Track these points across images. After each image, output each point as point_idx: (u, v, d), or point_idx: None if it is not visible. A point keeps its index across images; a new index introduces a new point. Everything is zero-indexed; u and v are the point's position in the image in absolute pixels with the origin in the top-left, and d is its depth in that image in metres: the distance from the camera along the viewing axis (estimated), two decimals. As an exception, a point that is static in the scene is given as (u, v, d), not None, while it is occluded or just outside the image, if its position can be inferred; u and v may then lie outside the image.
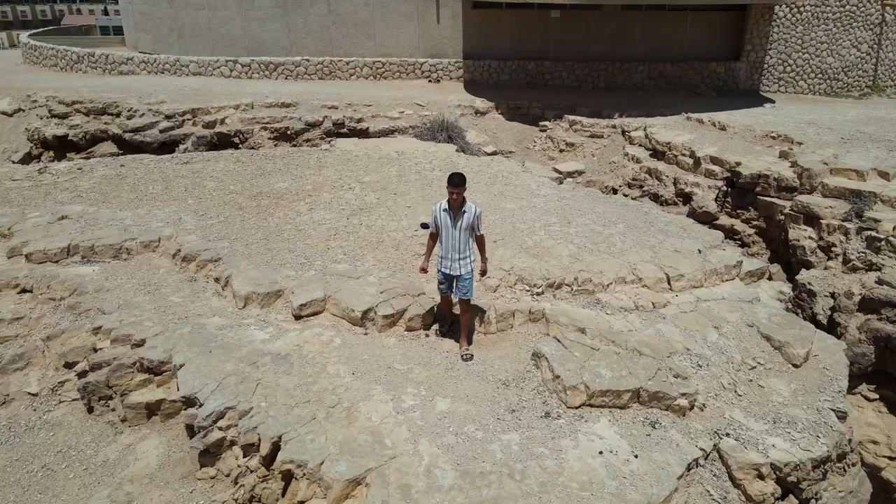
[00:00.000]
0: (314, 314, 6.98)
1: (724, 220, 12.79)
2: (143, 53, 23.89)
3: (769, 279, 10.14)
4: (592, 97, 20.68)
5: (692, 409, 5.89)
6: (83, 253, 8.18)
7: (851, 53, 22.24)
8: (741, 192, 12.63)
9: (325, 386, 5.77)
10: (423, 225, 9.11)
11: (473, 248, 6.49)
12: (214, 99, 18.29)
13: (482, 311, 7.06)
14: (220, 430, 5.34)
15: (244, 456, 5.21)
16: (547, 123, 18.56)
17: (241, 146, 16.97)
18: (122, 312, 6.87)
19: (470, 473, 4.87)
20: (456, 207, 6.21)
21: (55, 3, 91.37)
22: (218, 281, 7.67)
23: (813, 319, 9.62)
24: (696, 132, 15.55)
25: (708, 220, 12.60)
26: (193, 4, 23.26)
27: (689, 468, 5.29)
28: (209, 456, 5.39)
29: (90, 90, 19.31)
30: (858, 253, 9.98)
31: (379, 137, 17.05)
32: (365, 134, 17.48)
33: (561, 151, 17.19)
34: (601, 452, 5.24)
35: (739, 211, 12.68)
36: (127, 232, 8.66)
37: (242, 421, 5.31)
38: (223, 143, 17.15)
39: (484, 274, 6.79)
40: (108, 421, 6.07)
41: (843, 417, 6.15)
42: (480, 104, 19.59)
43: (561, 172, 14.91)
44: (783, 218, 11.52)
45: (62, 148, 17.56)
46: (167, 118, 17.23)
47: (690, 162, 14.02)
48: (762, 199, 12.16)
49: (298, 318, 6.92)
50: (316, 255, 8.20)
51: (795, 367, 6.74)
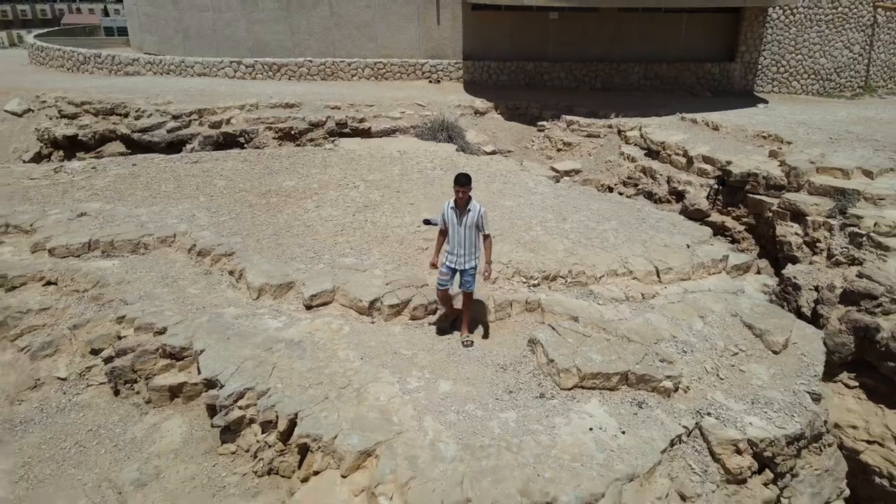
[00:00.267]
0: (324, 304, 7.44)
1: (715, 217, 13.23)
2: (148, 54, 24.33)
3: (757, 273, 10.61)
4: (590, 97, 21.08)
5: (676, 390, 6.34)
6: (103, 248, 8.63)
7: (844, 54, 22.67)
8: (732, 190, 13.06)
9: (335, 369, 6.22)
10: (425, 221, 9.57)
11: (480, 246, 6.84)
12: (220, 99, 18.71)
13: (482, 302, 7.52)
14: (240, 408, 5.80)
15: (263, 432, 5.66)
16: (545, 123, 18.94)
17: (246, 146, 17.39)
18: (143, 303, 7.33)
19: (471, 447, 5.33)
20: (462, 205, 6.63)
21: (55, 2, 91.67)
22: (232, 274, 8.12)
23: (798, 311, 10.06)
24: (689, 132, 15.98)
25: (700, 217, 13.03)
26: (198, 7, 23.70)
27: (672, 444, 5.75)
28: (230, 433, 5.84)
29: (98, 91, 19.74)
30: (841, 248, 10.42)
31: (381, 137, 17.46)
32: (367, 134, 17.89)
33: (558, 151, 17.62)
34: (591, 429, 5.70)
35: (730, 208, 13.12)
36: (143, 228, 9.11)
37: (261, 400, 5.77)
38: (229, 142, 17.57)
39: (487, 278, 6.96)
40: (133, 403, 6.53)
41: (817, 399, 6.60)
42: (480, 104, 19.99)
43: (558, 171, 15.34)
44: (771, 215, 11.96)
45: (72, 147, 18.02)
46: (174, 118, 17.67)
47: (684, 161, 14.45)
48: (752, 196, 12.59)
49: (309, 307, 7.37)
50: (324, 249, 8.65)
51: (775, 353, 7.20)
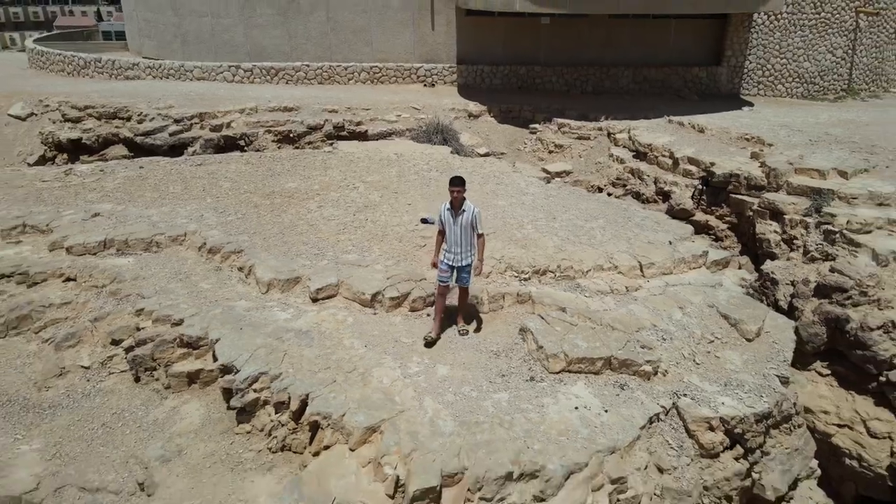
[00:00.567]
0: (329, 297, 7.96)
1: (699, 216, 13.82)
2: (147, 59, 24.74)
3: (739, 268, 11.20)
4: (581, 101, 21.62)
5: (656, 374, 6.89)
6: (118, 246, 9.11)
7: (827, 58, 23.33)
8: (715, 190, 13.65)
9: (342, 356, 6.74)
10: (423, 220, 10.10)
11: (475, 244, 7.32)
12: (219, 103, 19.14)
13: (476, 296, 8.05)
14: (254, 391, 6.31)
15: (276, 412, 6.18)
16: (537, 126, 19.42)
17: (246, 149, 17.82)
18: (159, 297, 7.83)
19: (467, 423, 5.86)
20: (457, 206, 7.09)
21: (47, 4, 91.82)
22: (241, 270, 8.62)
23: (775, 305, 10.63)
24: (676, 134, 16.56)
25: (685, 216, 13.60)
26: (197, 12, 24.14)
27: (650, 421, 6.30)
28: (245, 414, 6.35)
29: (100, 95, 20.13)
30: (816, 245, 11.01)
31: (377, 140, 17.93)
32: (364, 136, 18.34)
33: (550, 153, 18.16)
34: (577, 408, 6.24)
35: (713, 208, 13.71)
36: (155, 227, 9.59)
37: (274, 383, 6.28)
38: (229, 145, 17.97)
39: (478, 274, 7.48)
40: (153, 388, 7.02)
41: (785, 382, 7.17)
42: (474, 108, 20.45)
43: (549, 172, 15.88)
44: (752, 214, 12.55)
45: (75, 151, 18.39)
46: (176, 122, 18.08)
47: (670, 162, 15.03)
48: (734, 196, 13.18)
49: (315, 300, 7.89)
50: (327, 247, 9.16)
51: (748, 340, 7.76)
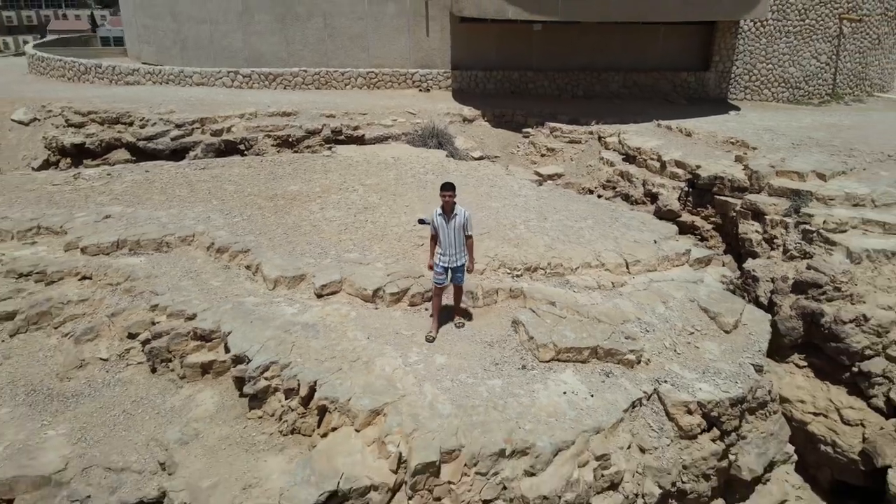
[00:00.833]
0: (333, 293, 8.44)
1: (685, 217, 14.37)
2: (147, 64, 25.18)
3: (722, 266, 11.73)
4: (572, 105, 22.16)
5: (639, 363, 7.40)
6: (130, 246, 9.56)
7: (812, 64, 23.97)
8: (700, 192, 14.20)
9: (346, 346, 7.22)
10: (420, 221, 10.59)
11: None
12: (219, 108, 19.57)
13: (472, 291, 8.54)
14: (265, 379, 6.78)
15: (286, 398, 6.65)
16: (529, 130, 19.92)
17: (246, 153, 18.26)
18: (172, 294, 8.29)
19: (463, 406, 6.35)
20: (448, 210, 7.46)
21: (41, 8, 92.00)
22: (249, 268, 9.09)
23: (756, 301, 11.19)
24: (664, 138, 17.10)
25: (672, 217, 14.14)
26: (196, 18, 24.61)
27: (633, 405, 6.81)
28: (257, 400, 6.82)
29: (101, 100, 20.54)
30: (795, 244, 11.56)
31: (374, 144, 18.41)
32: (361, 141, 18.82)
33: (542, 156, 18.69)
34: (565, 393, 6.74)
35: (699, 209, 14.27)
36: (165, 228, 10.04)
37: (284, 371, 6.75)
38: (230, 149, 18.41)
39: (470, 272, 7.93)
40: (169, 378, 7.48)
41: (759, 370, 7.69)
42: (468, 112, 20.94)
43: (541, 175, 16.40)
44: (735, 214, 13.11)
45: (79, 155, 18.80)
46: (177, 127, 18.51)
47: (658, 165, 15.57)
48: (718, 198, 13.73)
49: (320, 296, 8.36)
50: (330, 246, 9.64)
51: (726, 332, 8.28)
